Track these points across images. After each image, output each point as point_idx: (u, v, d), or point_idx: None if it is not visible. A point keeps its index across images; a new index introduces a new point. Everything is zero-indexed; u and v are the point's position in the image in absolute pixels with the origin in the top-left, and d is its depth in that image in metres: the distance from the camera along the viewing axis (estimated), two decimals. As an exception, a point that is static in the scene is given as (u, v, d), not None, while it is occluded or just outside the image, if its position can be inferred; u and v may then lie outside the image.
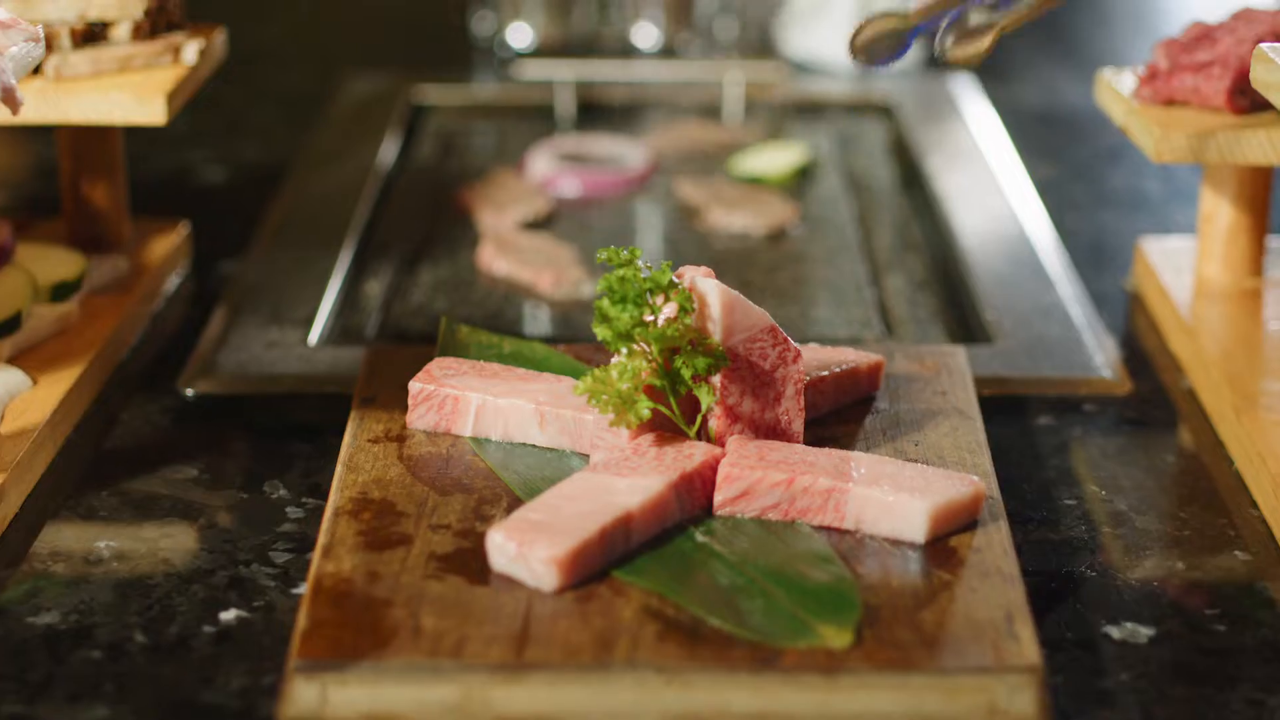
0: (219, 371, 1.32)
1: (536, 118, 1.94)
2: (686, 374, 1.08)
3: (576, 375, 1.21)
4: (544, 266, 1.52)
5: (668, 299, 1.09)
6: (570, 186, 1.72)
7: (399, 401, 1.17)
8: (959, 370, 1.25)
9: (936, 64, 2.04)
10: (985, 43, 1.17)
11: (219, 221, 1.63)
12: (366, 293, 1.51)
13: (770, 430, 1.12)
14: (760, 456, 1.07)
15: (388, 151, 1.79)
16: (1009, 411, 1.28)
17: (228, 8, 2.32)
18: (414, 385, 1.17)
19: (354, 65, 2.07)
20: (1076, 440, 1.25)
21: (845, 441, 1.15)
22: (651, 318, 1.08)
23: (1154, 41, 1.40)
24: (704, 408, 1.10)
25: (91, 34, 1.37)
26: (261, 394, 1.30)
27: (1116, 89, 1.40)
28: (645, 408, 1.07)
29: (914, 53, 2.07)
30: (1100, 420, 1.27)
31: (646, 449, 1.08)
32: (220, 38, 1.46)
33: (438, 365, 1.19)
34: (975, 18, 1.18)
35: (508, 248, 1.55)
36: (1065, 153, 1.83)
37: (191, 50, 1.39)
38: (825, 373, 1.18)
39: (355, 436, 1.16)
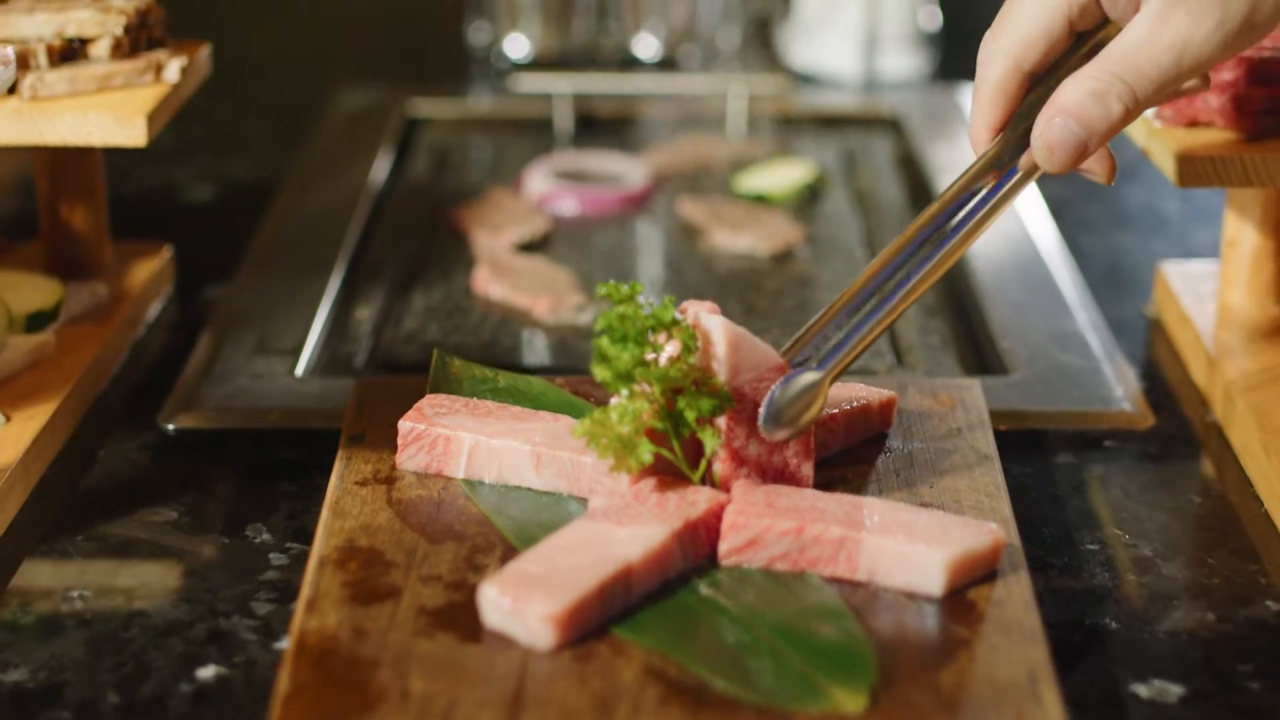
0: (201, 405, 1.27)
1: (533, 132, 1.89)
2: (690, 416, 1.03)
3: (575, 413, 1.16)
4: (540, 291, 1.46)
5: (670, 337, 1.03)
6: (568, 205, 1.67)
7: (388, 440, 1.12)
8: (975, 405, 1.19)
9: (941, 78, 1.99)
10: (815, 408, 1.04)
11: (205, 242, 1.57)
12: (357, 318, 1.45)
13: (778, 474, 1.06)
14: (768, 503, 1.02)
15: (380, 168, 1.74)
16: (1026, 447, 1.23)
17: (217, 18, 2.28)
18: (403, 425, 1.11)
19: (347, 76, 2.02)
20: (1097, 479, 1.19)
21: (857, 483, 1.10)
22: (653, 356, 1.03)
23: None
24: (709, 451, 1.04)
25: (70, 51, 1.31)
26: (245, 429, 1.25)
27: (1137, 108, 1.34)
28: (647, 452, 1.02)
29: (919, 62, 2.01)
30: (1121, 457, 1.22)
31: (648, 495, 1.03)
32: (204, 54, 1.40)
33: (429, 403, 1.13)
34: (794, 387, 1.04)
35: (503, 271, 1.50)
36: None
37: (174, 68, 1.34)
38: (835, 410, 1.13)
39: (342, 479, 1.10)
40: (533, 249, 1.59)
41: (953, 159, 1.77)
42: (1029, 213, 1.60)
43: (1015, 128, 1.05)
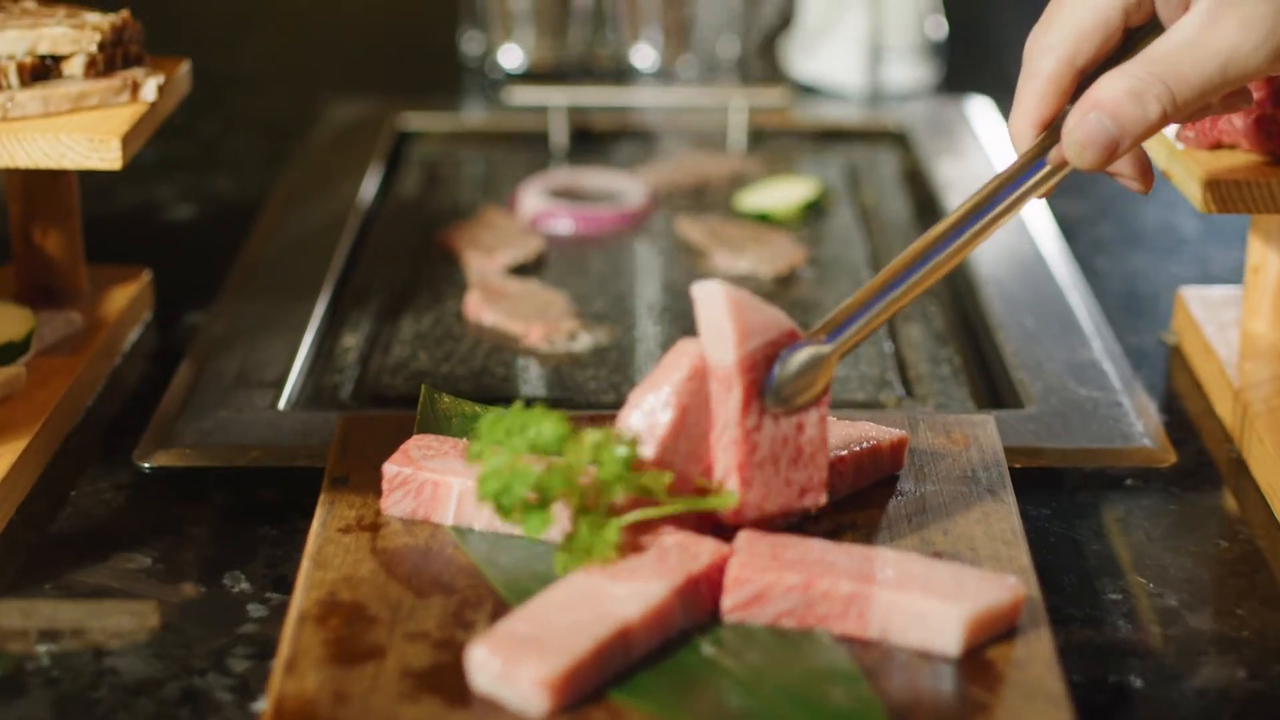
0: (178, 442, 1.21)
1: (528, 145, 1.83)
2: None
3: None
4: (534, 318, 1.40)
5: (590, 454, 0.96)
6: (563, 225, 1.61)
7: (374, 482, 1.06)
8: (990, 444, 1.14)
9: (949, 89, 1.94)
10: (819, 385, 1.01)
11: (186, 264, 1.51)
12: (343, 346, 1.40)
13: (793, 460, 1.00)
14: (773, 555, 0.96)
15: (369, 185, 1.68)
16: (1043, 487, 1.17)
17: (202, 29, 2.22)
18: (389, 468, 1.05)
19: (336, 88, 1.96)
20: (1118, 521, 1.13)
21: (867, 529, 1.04)
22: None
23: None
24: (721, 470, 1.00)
25: (43, 69, 1.25)
26: (224, 468, 1.19)
27: (1156, 129, 1.29)
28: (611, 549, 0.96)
29: (925, 73, 1.95)
30: (1143, 497, 1.16)
31: (647, 545, 0.97)
32: (184, 71, 1.35)
33: (415, 444, 1.08)
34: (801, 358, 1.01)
35: (495, 296, 1.44)
36: (1091, 186, 1.71)
37: (151, 87, 1.28)
38: (844, 453, 1.07)
39: (324, 525, 1.04)
40: (526, 271, 1.53)
41: (961, 174, 1.71)
42: (1040, 234, 1.55)
43: (1059, 127, 1.00)
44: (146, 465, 1.19)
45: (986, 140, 1.79)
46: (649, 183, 1.69)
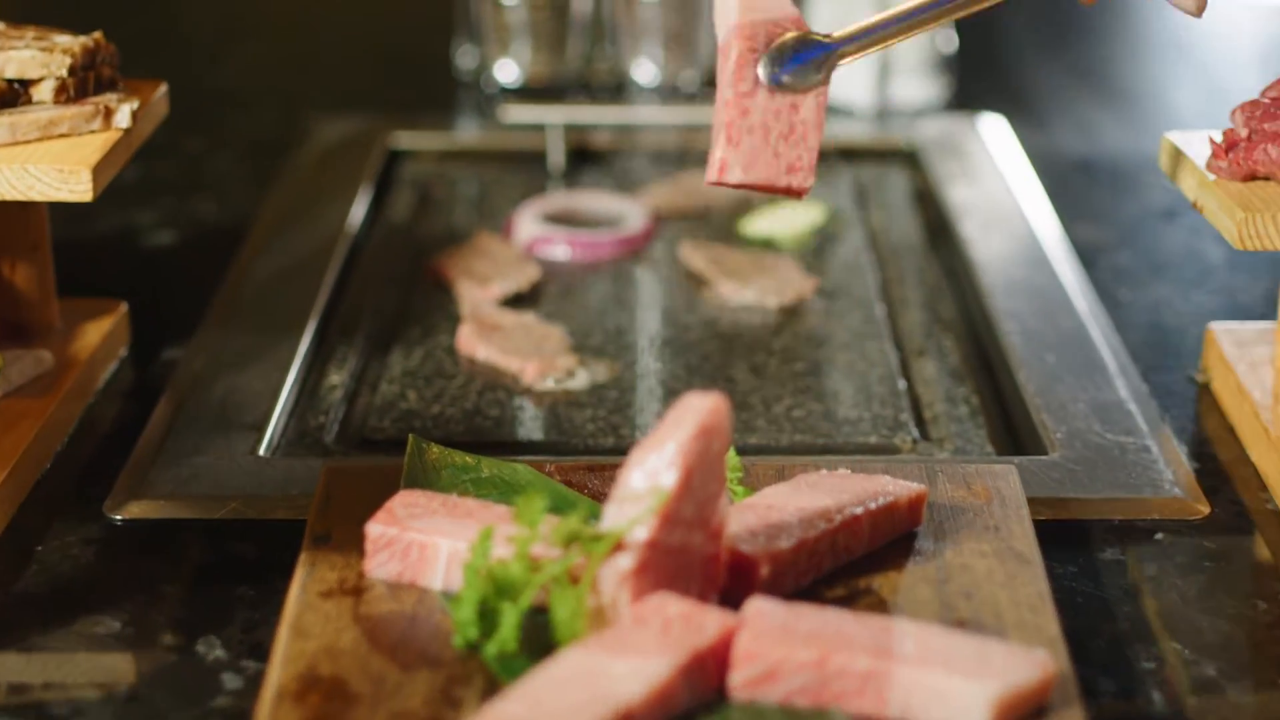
0: (152, 492, 1.14)
1: (524, 165, 1.76)
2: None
3: (567, 506, 1.04)
4: (530, 353, 1.34)
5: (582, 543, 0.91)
6: (560, 251, 1.54)
7: (358, 540, 1.00)
8: (1013, 497, 1.07)
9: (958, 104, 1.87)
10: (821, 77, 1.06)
11: (165, 295, 1.45)
12: (328, 384, 1.33)
13: (784, 135, 1.04)
14: (785, 628, 0.89)
15: (358, 208, 1.61)
16: (1069, 541, 1.10)
17: (187, 44, 2.15)
18: (373, 528, 0.99)
19: (325, 103, 1.89)
20: (1149, 580, 1.07)
21: (884, 595, 0.98)
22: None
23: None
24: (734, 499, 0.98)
25: (10, 95, 1.19)
26: (200, 520, 1.12)
27: (1187, 157, 1.22)
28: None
29: (936, 89, 1.89)
30: (1175, 553, 1.09)
31: (649, 616, 0.90)
32: (161, 94, 1.28)
33: (401, 502, 1.01)
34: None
35: (489, 330, 1.37)
36: (1111, 210, 1.65)
37: (125, 113, 1.21)
38: (860, 510, 1.00)
39: (304, 589, 0.98)
40: (522, 300, 1.47)
41: (974, 194, 1.64)
42: (1059, 262, 1.48)
43: None
44: (118, 517, 1.12)
45: (1000, 159, 1.72)
46: (649, 206, 1.62)
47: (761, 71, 1.03)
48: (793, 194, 1.06)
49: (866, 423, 1.27)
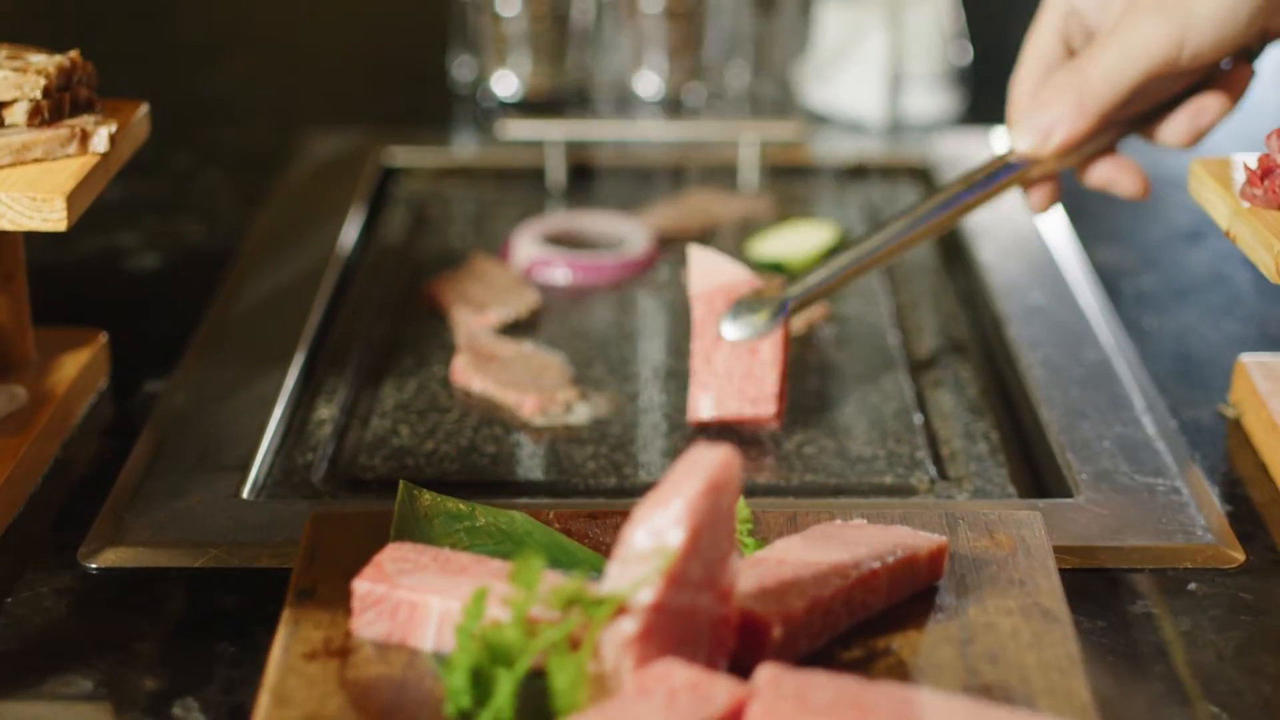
0: (129, 538, 1.08)
1: (523, 182, 1.71)
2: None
3: (566, 558, 0.98)
4: (528, 386, 1.28)
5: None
6: (560, 275, 1.48)
7: (345, 595, 0.94)
8: (1038, 547, 1.01)
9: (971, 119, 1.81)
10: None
11: (147, 323, 1.39)
12: (317, 418, 1.27)
13: (746, 400, 1.21)
14: (800, 698, 0.83)
15: (350, 230, 1.55)
16: (1097, 592, 1.04)
17: (174, 55, 2.09)
18: (360, 586, 0.93)
19: (317, 117, 1.83)
20: (1183, 635, 1.01)
21: (904, 657, 0.92)
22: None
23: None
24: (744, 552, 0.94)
25: (-17, 117, 1.13)
26: (180, 569, 1.06)
27: (1218, 183, 1.16)
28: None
29: (949, 102, 1.83)
30: (1210, 606, 1.03)
31: (654, 685, 0.84)
32: (141, 115, 1.22)
33: (391, 556, 0.95)
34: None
35: (485, 360, 1.31)
36: (1132, 230, 1.58)
37: (102, 137, 1.15)
38: (878, 564, 0.94)
39: (287, 650, 0.92)
40: (520, 327, 1.41)
41: (990, 213, 1.58)
42: (1080, 288, 1.42)
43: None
44: (93, 566, 1.07)
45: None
46: (653, 226, 1.56)
47: (724, 330, 1.21)
48: (761, 421, 1.21)
49: (881, 461, 1.21)
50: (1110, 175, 1.26)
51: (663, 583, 0.84)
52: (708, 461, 0.86)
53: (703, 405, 1.21)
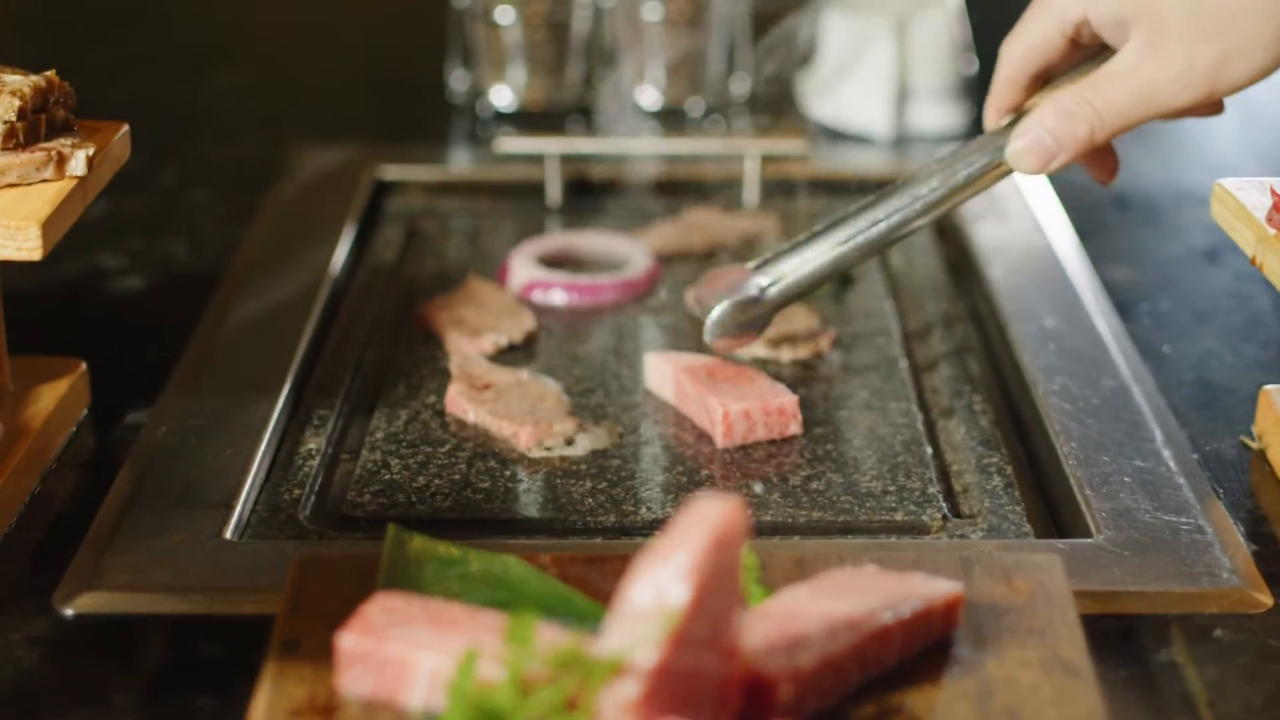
0: (107, 582, 1.04)
1: (520, 197, 1.66)
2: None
3: (564, 608, 0.94)
4: (524, 417, 1.23)
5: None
6: (558, 297, 1.44)
7: (331, 647, 0.89)
8: (1058, 593, 0.96)
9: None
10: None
11: (130, 350, 1.34)
12: (305, 450, 1.22)
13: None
14: (811, 765, 0.79)
15: (341, 249, 1.50)
16: (1118, 640, 1.00)
17: (162, 66, 2.04)
18: (346, 640, 0.88)
19: (309, 128, 1.79)
20: (1211, 688, 0.96)
21: (919, 714, 0.87)
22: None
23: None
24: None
25: (-44, 140, 1.09)
26: (159, 615, 1.02)
27: (1244, 207, 1.12)
28: None
29: (955, 115, 1.78)
30: (1237, 654, 0.99)
31: (655, 750, 0.80)
32: (121, 135, 1.17)
33: (379, 607, 0.90)
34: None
35: (480, 390, 1.27)
36: (1148, 250, 1.54)
37: (79, 160, 1.11)
38: (891, 618, 0.90)
39: (269, 707, 0.87)
40: (516, 351, 1.36)
41: (1001, 231, 1.54)
42: (1095, 313, 1.37)
43: (1020, 117, 1.16)
44: (69, 611, 1.02)
45: (1027, 191, 1.61)
46: (653, 245, 1.52)
47: (705, 336, 1.24)
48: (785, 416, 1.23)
49: (892, 496, 1.16)
50: (1086, 160, 1.18)
51: (666, 644, 0.80)
52: (713, 517, 0.81)
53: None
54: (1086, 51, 1.15)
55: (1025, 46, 1.16)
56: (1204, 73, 1.05)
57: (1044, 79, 1.17)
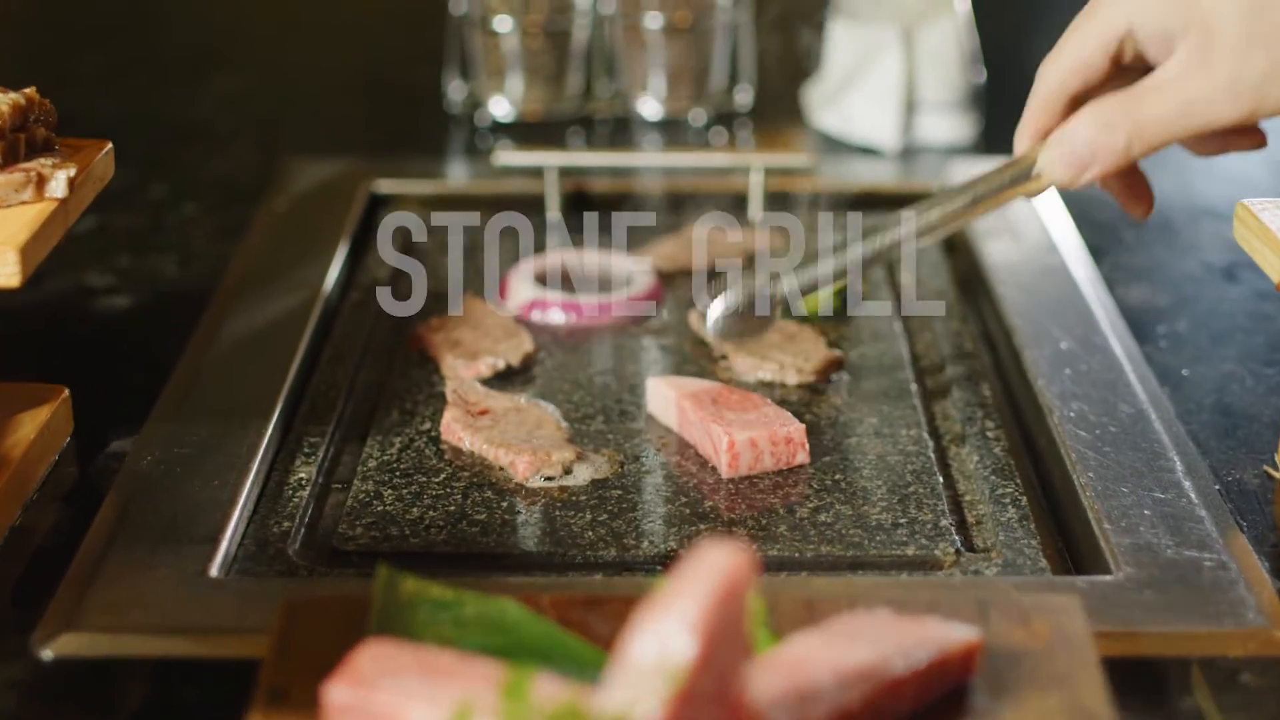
0: (87, 623, 1.00)
1: (518, 211, 1.61)
2: None
3: (562, 655, 0.90)
4: (521, 444, 1.19)
5: None
6: (556, 316, 1.40)
7: (319, 695, 0.85)
8: (1078, 637, 0.92)
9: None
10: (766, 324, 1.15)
11: (115, 374, 1.30)
12: (295, 479, 1.18)
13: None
14: (823, 829, 0.75)
15: (334, 268, 1.46)
16: (1139, 683, 0.96)
17: (156, 74, 2.00)
18: (334, 691, 0.84)
19: (303, 139, 1.75)
20: (1238, 737, 0.92)
21: (934, 770, 0.83)
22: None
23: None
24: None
25: (-68, 161, 1.05)
26: (141, 658, 0.98)
27: (1269, 229, 1.08)
28: None
29: (964, 127, 1.74)
30: (1264, 700, 0.95)
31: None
32: (104, 154, 1.13)
33: (370, 655, 0.86)
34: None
35: (476, 416, 1.23)
36: (1164, 267, 1.50)
37: (60, 181, 1.07)
38: (904, 669, 0.86)
39: (254, 761, 0.83)
40: (514, 373, 1.32)
41: (1012, 247, 1.50)
42: (1111, 335, 1.33)
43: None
44: (48, 653, 0.98)
45: (1039, 206, 1.57)
46: (655, 262, 1.48)
47: (709, 330, 1.12)
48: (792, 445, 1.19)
49: (903, 529, 1.12)
50: (1119, 188, 1.12)
51: (670, 702, 0.75)
52: (719, 567, 0.77)
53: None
54: (1127, 76, 1.07)
55: (1065, 66, 1.09)
56: (1251, 85, 1.00)
57: (1080, 103, 1.09)
